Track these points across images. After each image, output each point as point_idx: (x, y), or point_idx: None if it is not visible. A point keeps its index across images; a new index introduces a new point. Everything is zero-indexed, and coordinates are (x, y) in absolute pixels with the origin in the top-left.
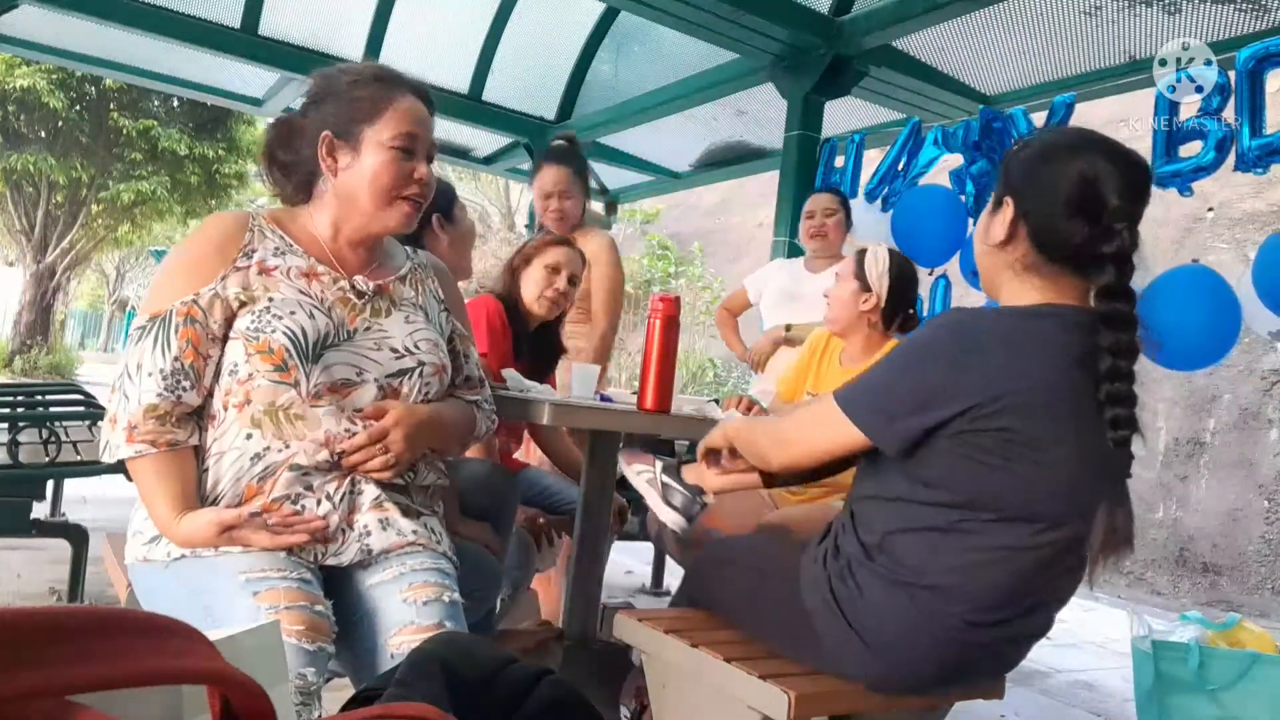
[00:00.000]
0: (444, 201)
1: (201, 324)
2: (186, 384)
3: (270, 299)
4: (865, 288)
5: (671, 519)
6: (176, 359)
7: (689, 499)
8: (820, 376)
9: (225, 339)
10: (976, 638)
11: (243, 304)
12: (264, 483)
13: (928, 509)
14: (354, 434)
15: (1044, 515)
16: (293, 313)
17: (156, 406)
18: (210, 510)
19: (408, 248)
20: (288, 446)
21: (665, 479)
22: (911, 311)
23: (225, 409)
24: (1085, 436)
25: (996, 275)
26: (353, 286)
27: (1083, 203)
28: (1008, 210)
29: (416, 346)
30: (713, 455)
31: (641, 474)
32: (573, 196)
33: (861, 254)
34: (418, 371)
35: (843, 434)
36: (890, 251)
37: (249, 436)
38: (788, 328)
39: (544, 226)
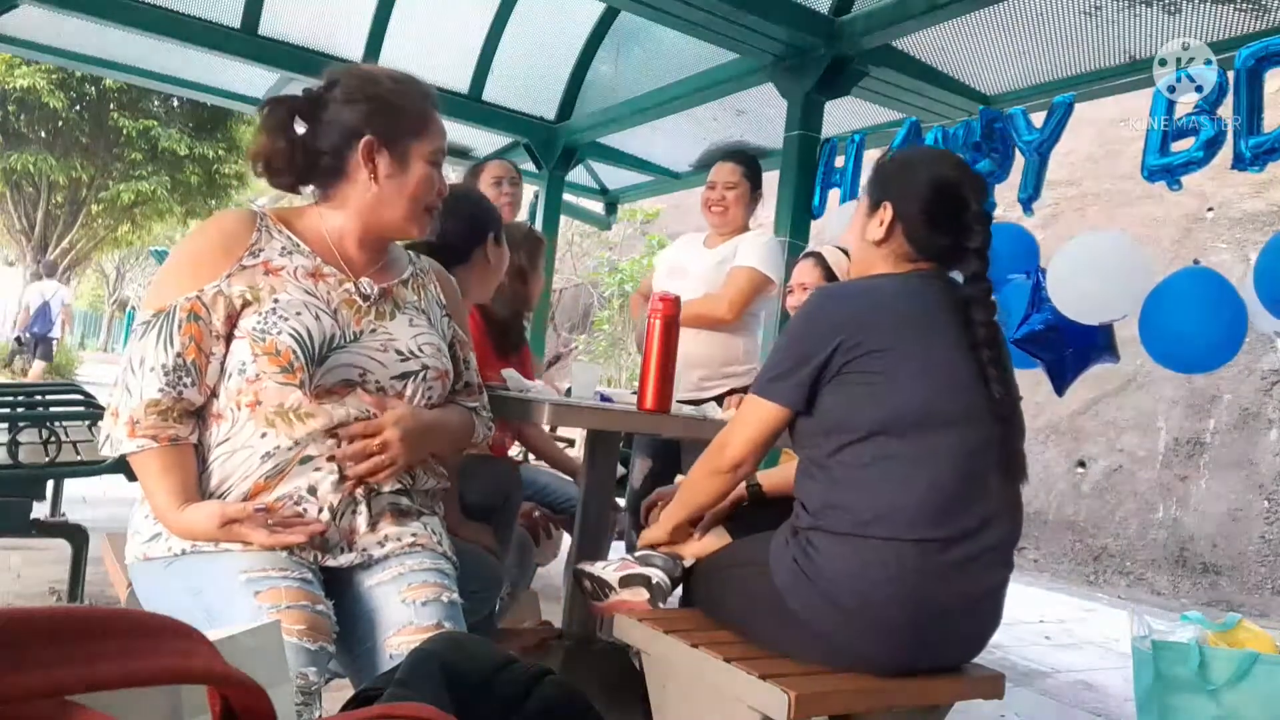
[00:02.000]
0: (496, 224)
1: (205, 321)
2: (188, 380)
3: (276, 299)
4: None
5: (656, 575)
6: (179, 355)
7: (669, 561)
8: None
9: (229, 338)
10: (932, 564)
11: (247, 303)
12: (272, 480)
13: (847, 451)
14: (361, 419)
15: (935, 416)
16: (298, 314)
17: (159, 402)
18: (214, 502)
19: (410, 252)
20: (298, 444)
21: (638, 553)
22: None
23: (239, 408)
24: (950, 349)
25: (870, 265)
26: (358, 289)
27: (950, 208)
28: (886, 213)
29: (421, 350)
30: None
31: (607, 566)
32: None
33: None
34: (421, 375)
35: (761, 413)
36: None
37: (263, 435)
38: None
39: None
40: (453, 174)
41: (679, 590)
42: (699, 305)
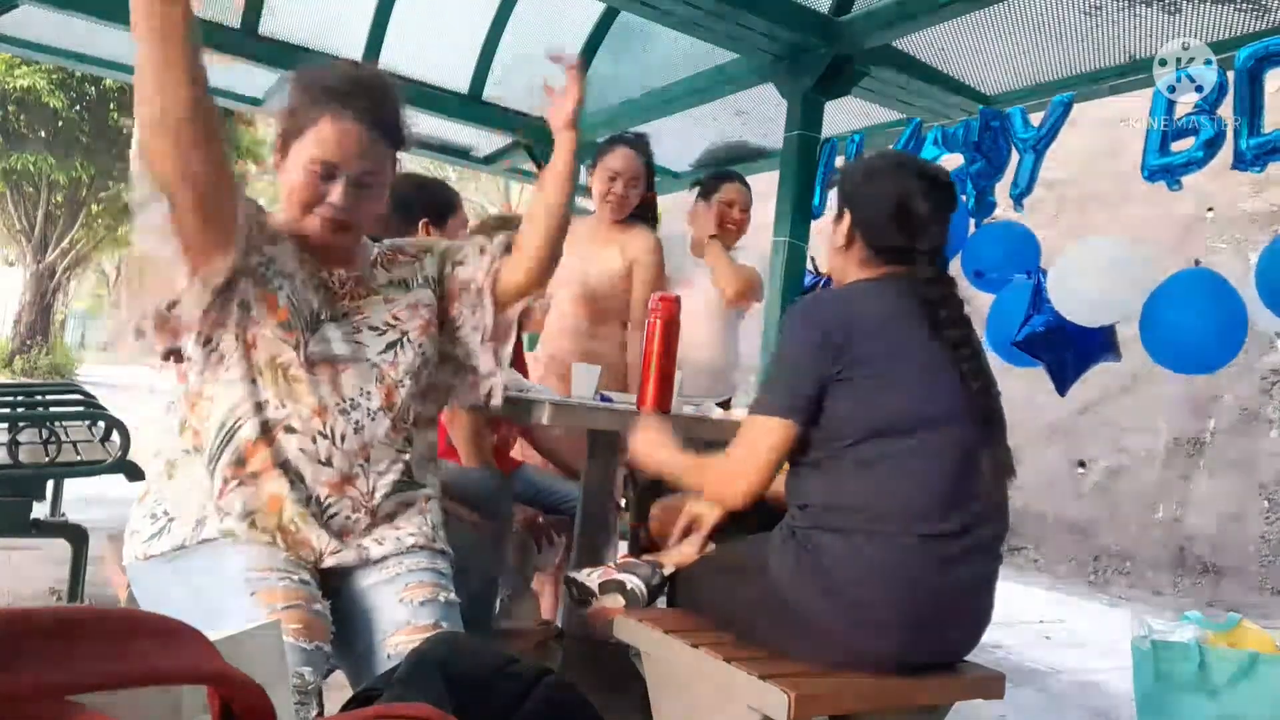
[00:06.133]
0: (437, 206)
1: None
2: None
3: (272, 258)
4: None
5: (631, 581)
6: None
7: (650, 569)
8: None
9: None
10: (932, 558)
11: (255, 247)
12: (260, 443)
13: (847, 452)
14: (342, 408)
15: (925, 416)
16: (291, 276)
17: None
18: None
19: (367, 239)
20: (284, 406)
21: (620, 560)
22: None
23: (237, 341)
24: (929, 351)
25: (843, 271)
26: (331, 275)
27: (901, 215)
28: (846, 220)
29: (395, 319)
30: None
31: (592, 573)
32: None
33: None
34: (402, 341)
35: (771, 433)
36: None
37: (253, 381)
38: None
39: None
40: (454, 174)
41: (664, 597)
42: (747, 271)
